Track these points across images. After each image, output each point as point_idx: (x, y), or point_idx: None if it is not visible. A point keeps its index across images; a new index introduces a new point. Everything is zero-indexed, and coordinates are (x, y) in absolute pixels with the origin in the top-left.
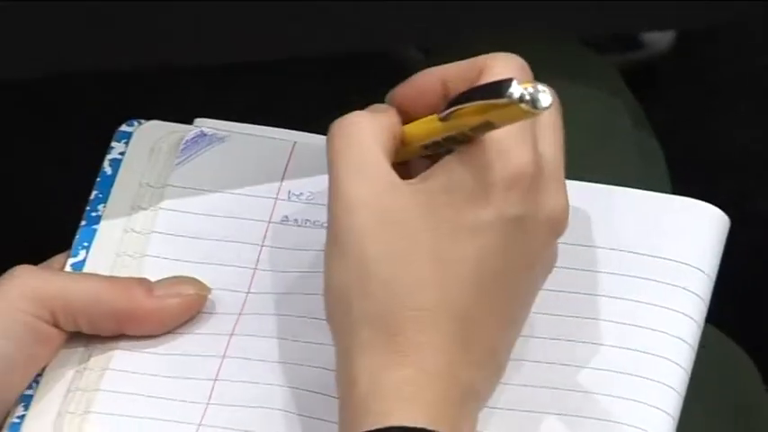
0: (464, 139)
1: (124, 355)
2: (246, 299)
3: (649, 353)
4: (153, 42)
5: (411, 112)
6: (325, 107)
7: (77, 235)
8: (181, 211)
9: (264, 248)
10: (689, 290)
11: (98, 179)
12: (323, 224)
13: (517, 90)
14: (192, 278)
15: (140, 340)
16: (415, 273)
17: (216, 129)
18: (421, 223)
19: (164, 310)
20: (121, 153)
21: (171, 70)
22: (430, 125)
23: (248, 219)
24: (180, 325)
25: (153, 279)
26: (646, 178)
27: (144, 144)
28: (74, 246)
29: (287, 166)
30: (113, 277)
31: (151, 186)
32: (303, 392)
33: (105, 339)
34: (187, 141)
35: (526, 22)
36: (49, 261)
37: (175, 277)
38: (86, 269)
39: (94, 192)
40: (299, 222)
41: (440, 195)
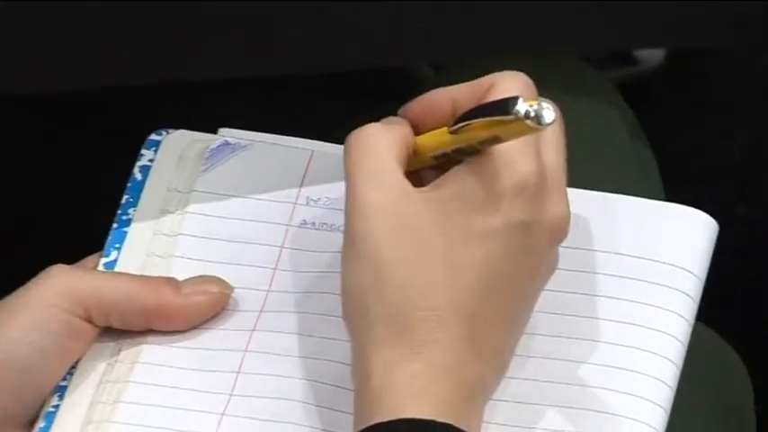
0: (472, 151)
1: (152, 349)
2: (267, 297)
3: (644, 349)
4: (181, 58)
5: (422, 125)
6: (340, 118)
7: (109, 236)
8: (206, 215)
9: (284, 250)
10: (681, 291)
11: (129, 184)
12: (339, 228)
13: (523, 107)
14: (217, 277)
15: (168, 335)
16: (427, 276)
17: (239, 138)
18: (433, 229)
19: (190, 307)
20: (151, 160)
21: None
22: (440, 137)
23: (269, 222)
24: (205, 321)
25: (180, 278)
26: (641, 186)
27: (172, 152)
28: (106, 246)
29: (305, 174)
30: (143, 276)
31: (178, 191)
32: (320, 385)
33: (135, 334)
34: (212, 150)
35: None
36: (83, 261)
37: (201, 276)
38: (118, 268)
39: (125, 196)
40: (317, 226)
41: (450, 203)
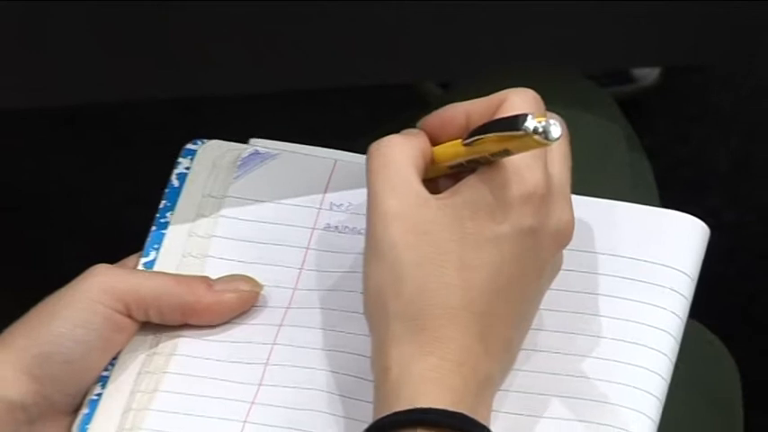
0: (485, 161)
1: (188, 342)
2: (294, 294)
3: (641, 344)
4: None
5: (439, 137)
6: (360, 130)
7: (148, 238)
8: (238, 219)
9: (309, 251)
10: (675, 290)
11: (166, 190)
12: (360, 231)
13: (531, 124)
14: (247, 276)
15: (202, 329)
16: (442, 277)
17: (268, 147)
18: (448, 234)
19: (222, 304)
20: (187, 168)
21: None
22: (455, 149)
23: (296, 226)
24: (236, 316)
25: (213, 277)
26: (638, 193)
27: (206, 160)
28: (145, 247)
29: (329, 181)
30: (179, 275)
31: (212, 197)
32: (342, 376)
33: (172, 328)
34: (243, 158)
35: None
36: (124, 261)
37: (232, 275)
38: (156, 268)
39: (163, 201)
40: (340, 229)
41: (464, 210)
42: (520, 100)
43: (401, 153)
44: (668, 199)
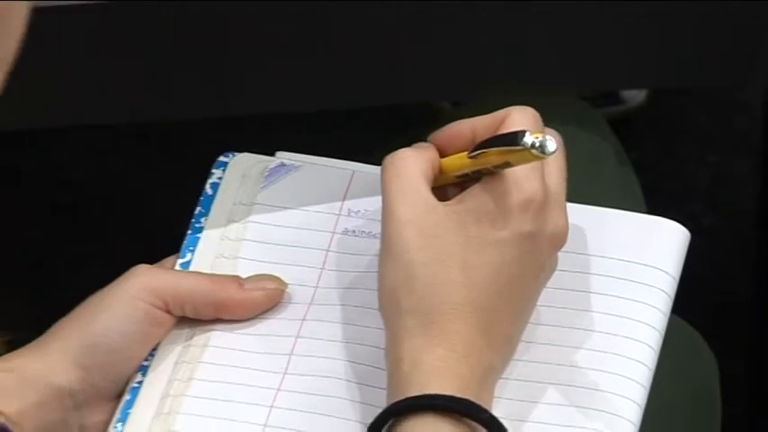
0: (488, 172)
1: (220, 335)
2: (315, 292)
3: (628, 337)
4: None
5: (447, 150)
6: (376, 144)
7: (185, 241)
8: (265, 224)
9: (330, 253)
10: (659, 288)
11: (201, 198)
12: (376, 235)
13: (529, 139)
14: (274, 275)
15: (233, 323)
16: (449, 276)
17: (292, 160)
18: (454, 238)
19: (251, 301)
20: (219, 178)
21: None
22: (462, 161)
23: (317, 230)
24: (264, 312)
25: (243, 276)
26: (626, 202)
27: (237, 171)
28: (182, 249)
29: (348, 190)
30: (213, 274)
31: (242, 204)
32: (359, 365)
33: (206, 323)
34: (270, 169)
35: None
36: (163, 261)
37: (260, 275)
38: (192, 268)
39: (198, 208)
40: (357, 233)
41: (469, 216)
42: (520, 117)
43: (413, 165)
44: (653, 206)
